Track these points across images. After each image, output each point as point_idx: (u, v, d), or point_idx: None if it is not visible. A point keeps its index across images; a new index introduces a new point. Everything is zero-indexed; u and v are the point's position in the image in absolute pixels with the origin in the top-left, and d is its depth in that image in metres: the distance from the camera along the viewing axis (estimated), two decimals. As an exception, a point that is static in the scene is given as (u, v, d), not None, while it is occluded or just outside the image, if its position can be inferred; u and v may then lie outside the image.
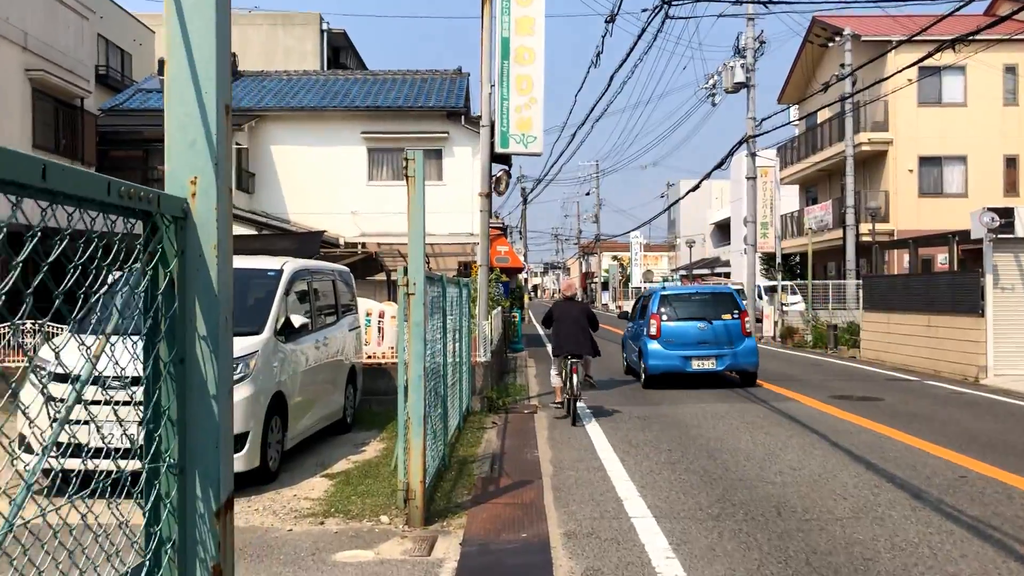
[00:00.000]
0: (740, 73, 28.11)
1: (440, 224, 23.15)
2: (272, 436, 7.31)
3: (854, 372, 17.12)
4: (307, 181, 23.72)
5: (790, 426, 9.96)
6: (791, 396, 12.75)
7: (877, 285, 20.65)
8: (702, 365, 14.34)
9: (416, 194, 5.91)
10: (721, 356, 14.34)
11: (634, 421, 10.57)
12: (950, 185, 31.55)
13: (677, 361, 14.37)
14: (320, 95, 24.71)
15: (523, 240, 49.96)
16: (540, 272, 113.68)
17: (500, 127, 12.06)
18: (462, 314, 10.01)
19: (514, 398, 12.78)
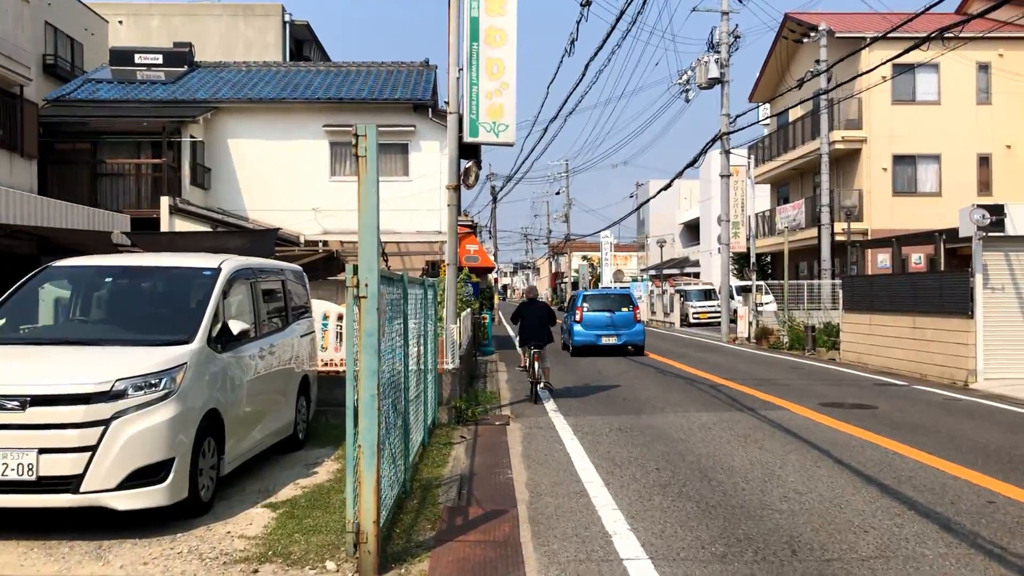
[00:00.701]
0: (714, 68, 27.44)
1: (406, 222, 22.21)
2: (204, 461, 6.31)
3: (837, 376, 16.42)
4: (266, 176, 22.60)
5: (785, 439, 9.14)
6: (779, 403, 11.95)
7: (858, 285, 20.00)
8: (608, 340, 21.55)
9: (368, 176, 4.98)
10: (620, 335, 21.63)
11: (615, 434, 9.69)
12: (924, 184, 31.16)
13: (592, 337, 21.60)
14: (280, 87, 23.59)
15: (493, 239, 49.04)
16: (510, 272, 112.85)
17: (469, 115, 11.12)
18: (427, 317, 9.07)
19: (484, 407, 11.85)
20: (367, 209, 4.98)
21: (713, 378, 15.61)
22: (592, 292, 25.43)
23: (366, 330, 4.88)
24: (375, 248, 4.94)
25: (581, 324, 21.54)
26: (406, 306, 7.04)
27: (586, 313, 21.65)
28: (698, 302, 38.93)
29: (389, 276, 6.13)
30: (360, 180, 5.00)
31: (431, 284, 10.09)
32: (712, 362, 19.24)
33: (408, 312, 7.26)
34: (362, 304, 4.90)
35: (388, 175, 22.62)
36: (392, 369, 6.43)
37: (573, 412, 11.48)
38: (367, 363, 4.88)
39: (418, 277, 8.87)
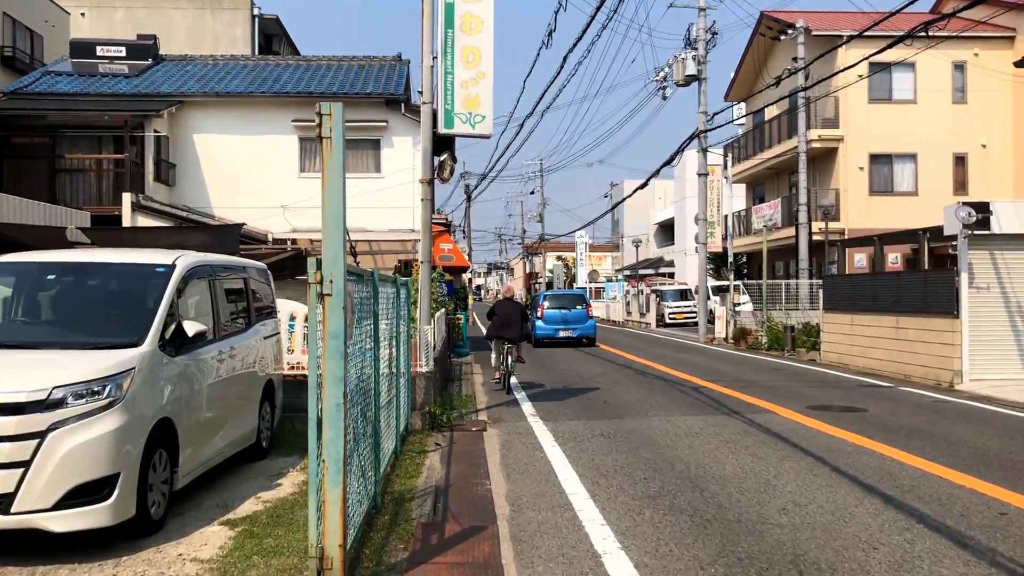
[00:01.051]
0: (691, 65, 27.12)
1: (378, 219, 21.66)
2: (155, 475, 5.75)
3: (820, 377, 16.08)
4: (234, 173, 21.92)
5: (777, 445, 8.72)
6: (765, 406, 11.55)
7: (839, 284, 19.72)
8: (565, 333, 24.97)
9: (333, 160, 4.47)
10: (574, 329, 25.01)
11: (598, 440, 9.21)
12: (900, 183, 31.06)
13: (552, 331, 24.99)
14: (248, 81, 22.91)
15: (467, 239, 48.48)
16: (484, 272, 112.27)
17: (444, 105, 10.60)
18: (399, 318, 8.55)
19: (460, 412, 11.34)
20: (332, 197, 4.47)
21: (695, 380, 15.21)
22: (551, 292, 29.29)
23: (331, 332, 4.36)
24: (340, 241, 4.43)
25: (542, 320, 25.20)
26: (376, 305, 6.52)
27: (546, 310, 25.43)
28: (674, 302, 38.64)
29: (358, 272, 5.61)
30: (324, 165, 4.49)
31: (403, 283, 9.57)
32: (692, 363, 18.86)
33: (379, 312, 6.74)
34: (326, 303, 4.37)
35: (359, 171, 22.06)
36: (361, 374, 5.91)
37: (553, 416, 11.00)
38: (332, 368, 4.36)
39: (390, 275, 8.35)
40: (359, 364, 5.81)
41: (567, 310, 25.36)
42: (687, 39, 27.68)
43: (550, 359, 20.36)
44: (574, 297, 27.36)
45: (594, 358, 20.54)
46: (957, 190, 30.56)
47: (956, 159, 30.81)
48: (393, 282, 8.30)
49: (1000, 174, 30.28)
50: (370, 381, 6.35)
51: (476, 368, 18.35)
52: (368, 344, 6.22)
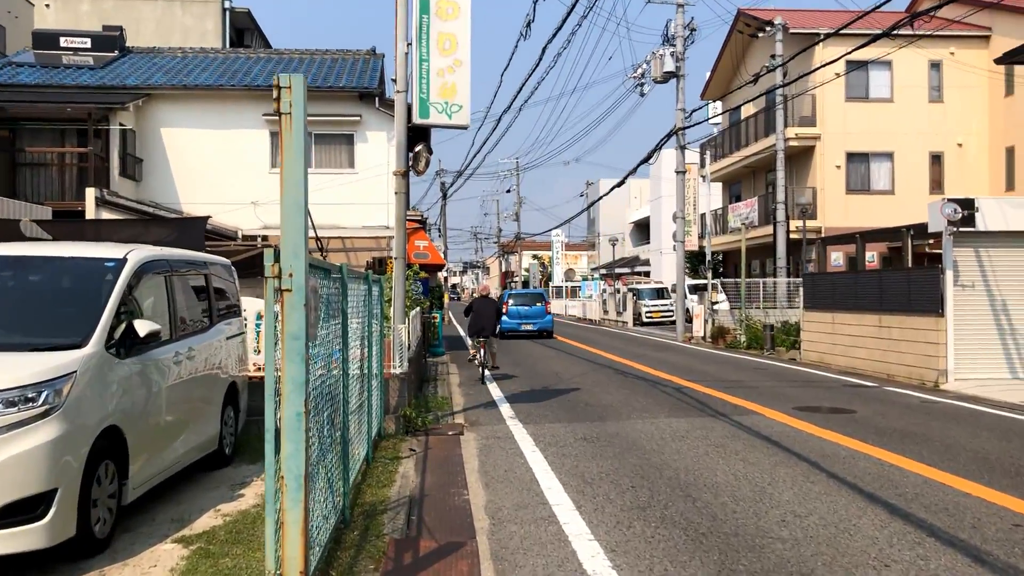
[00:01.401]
0: (670, 62, 26.79)
1: (352, 216, 21.13)
2: (100, 490, 5.23)
3: (803, 377, 15.77)
4: (203, 168, 21.28)
5: (767, 449, 8.32)
6: (752, 408, 11.17)
7: (820, 282, 19.45)
8: (526, 327, 28.36)
9: (293, 139, 3.99)
10: (534, 323, 28.34)
11: (581, 445, 8.78)
12: (877, 182, 30.97)
13: (515, 324, 28.16)
14: (218, 74, 22.27)
15: (443, 237, 47.94)
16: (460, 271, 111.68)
17: (419, 94, 10.12)
18: (371, 316, 8.05)
19: (436, 414, 10.87)
20: (292, 182, 3.98)
21: (676, 380, 14.83)
22: (514, 292, 32.21)
23: (290, 332, 3.88)
24: (302, 230, 3.95)
25: (507, 315, 27.91)
26: (346, 303, 6.03)
27: (510, 307, 28.55)
28: (651, 301, 38.35)
29: (325, 267, 5.13)
30: (284, 144, 4.01)
31: (376, 280, 9.07)
32: (672, 362, 18.49)
33: (348, 310, 6.26)
34: (285, 299, 3.89)
35: (332, 167, 21.52)
36: (328, 377, 5.43)
37: (533, 419, 10.56)
38: (291, 374, 3.87)
39: (361, 271, 7.87)
40: (326, 367, 5.34)
41: (528, 307, 29.42)
42: (665, 36, 27.35)
43: (528, 359, 19.93)
44: (534, 296, 31.16)
45: (573, 358, 20.14)
46: (933, 189, 30.52)
47: (932, 158, 30.77)
48: (365, 279, 7.82)
49: (976, 173, 30.26)
50: (338, 385, 5.87)
51: (452, 368, 17.88)
52: (336, 345, 5.74)
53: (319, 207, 21.71)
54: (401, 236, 10.33)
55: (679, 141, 27.18)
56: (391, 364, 9.82)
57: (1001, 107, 29.64)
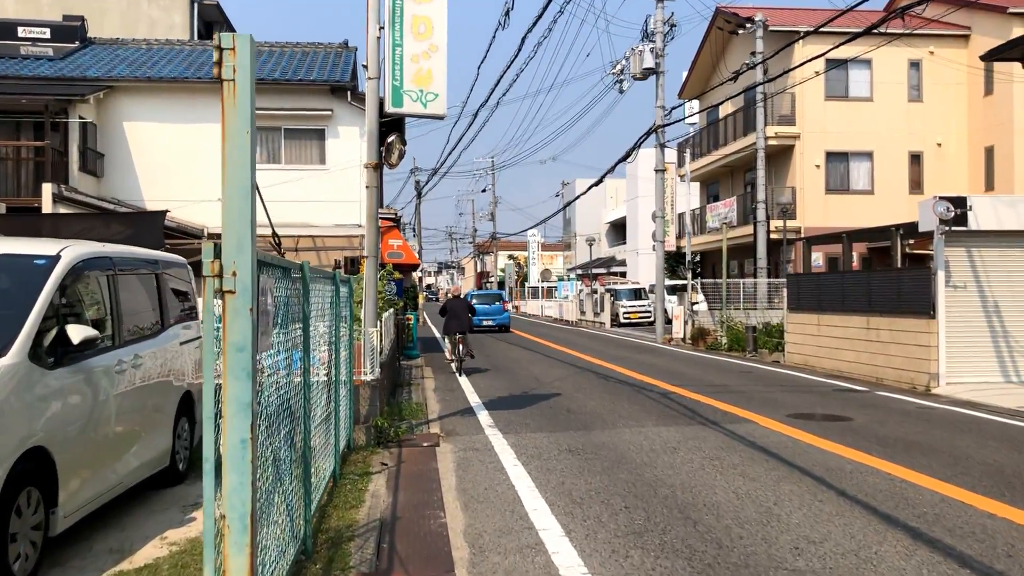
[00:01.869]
0: (649, 58, 26.29)
1: (324, 214, 20.41)
2: (21, 522, 4.53)
3: (791, 381, 15.27)
4: (168, 163, 20.45)
5: (767, 463, 7.76)
6: (743, 415, 10.62)
7: (804, 283, 18.99)
8: (487, 322, 32.43)
9: (238, 110, 3.36)
10: (494, 319, 32.69)
11: (567, 458, 8.16)
12: (857, 182, 30.69)
13: (477, 321, 28.73)
14: (184, 66, 21.46)
15: (417, 237, 47.18)
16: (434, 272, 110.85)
17: (392, 81, 9.46)
18: (337, 318, 7.39)
19: (409, 423, 10.22)
20: (237, 162, 3.34)
21: (660, 384, 14.28)
22: (477, 292, 37.76)
23: (233, 343, 3.22)
24: (249, 218, 3.30)
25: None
26: (307, 305, 5.37)
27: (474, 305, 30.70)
28: (628, 302, 37.85)
29: (281, 264, 4.48)
30: (225, 118, 3.37)
31: (345, 280, 8.41)
32: (654, 365, 17.95)
33: (312, 313, 5.61)
34: (228, 302, 3.23)
35: (303, 163, 20.80)
36: (287, 391, 4.78)
37: (513, 428, 9.93)
38: (235, 392, 3.21)
39: (329, 269, 7.21)
40: (284, 379, 4.69)
41: (488, 305, 33.90)
42: (644, 31, 26.87)
43: (506, 362, 19.31)
44: (494, 296, 35.88)
45: (552, 360, 19.54)
46: (913, 189, 30.31)
47: (912, 157, 30.54)
48: (331, 278, 7.16)
49: (955, 173, 30.06)
50: (300, 399, 5.21)
51: (427, 372, 17.21)
52: (297, 354, 5.08)
53: (288, 204, 21.04)
54: (373, 233, 9.66)
55: (659, 139, 26.68)
56: (361, 370, 9.15)
57: (980, 107, 29.45)
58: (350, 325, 8.55)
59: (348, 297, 8.59)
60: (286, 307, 4.81)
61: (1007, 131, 27.81)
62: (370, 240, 9.58)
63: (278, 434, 4.46)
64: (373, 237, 9.60)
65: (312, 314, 5.96)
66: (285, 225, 20.72)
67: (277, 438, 4.43)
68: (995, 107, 28.54)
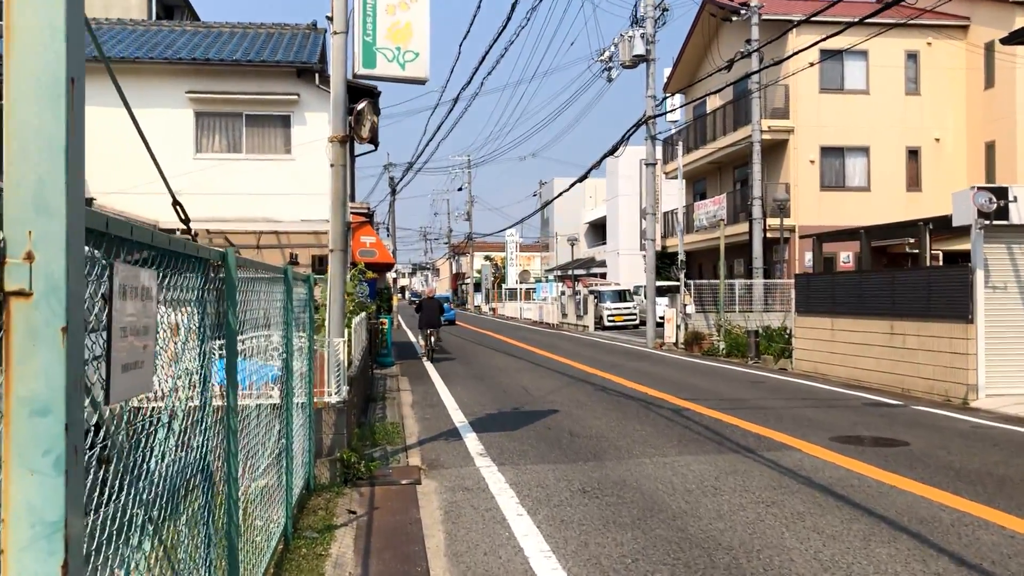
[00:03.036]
0: (639, 44, 24.71)
1: (288, 207, 18.61)
2: None
3: (810, 393, 13.73)
4: (116, 153, 18.46)
5: (840, 510, 6.14)
6: (778, 439, 9.02)
7: (816, 284, 17.47)
8: None
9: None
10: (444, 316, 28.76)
11: (582, 503, 6.49)
12: (852, 178, 29.35)
13: None
14: (136, 46, 19.57)
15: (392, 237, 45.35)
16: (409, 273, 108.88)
17: (362, 37, 7.77)
18: (288, 326, 5.68)
19: (384, 450, 8.51)
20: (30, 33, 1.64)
21: (669, 398, 12.66)
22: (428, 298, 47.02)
23: (24, 400, 1.54)
24: (62, 143, 1.61)
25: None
26: (232, 313, 3.65)
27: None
28: (613, 304, 36.30)
29: (182, 252, 2.79)
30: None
31: (303, 278, 6.71)
32: (653, 374, 16.35)
33: (236, 323, 3.90)
34: (15, 313, 1.56)
35: (266, 152, 18.99)
36: (201, 446, 3.09)
37: (509, 458, 8.24)
38: (27, 504, 1.54)
39: (275, 265, 5.50)
40: (193, 427, 3.00)
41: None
42: (634, 16, 25.28)
43: (490, 370, 17.61)
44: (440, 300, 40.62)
45: (540, 369, 17.87)
46: (911, 185, 29.07)
47: (909, 153, 29.28)
48: (282, 275, 5.46)
49: (954, 169, 28.82)
50: (222, 454, 3.51)
51: (404, 383, 15.47)
52: (212, 389, 3.37)
53: (249, 197, 19.25)
54: (340, 223, 7.95)
55: (649, 130, 25.12)
56: (325, 389, 7.44)
57: (980, 100, 28.22)
58: (309, 334, 6.84)
59: (307, 299, 6.88)
60: (201, 315, 3.14)
61: (1009, 126, 26.58)
62: (336, 230, 7.86)
63: (176, 520, 2.78)
64: (340, 227, 7.88)
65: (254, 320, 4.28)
66: (245, 220, 18.97)
67: (185, 518, 2.75)
68: (996, 100, 27.29)
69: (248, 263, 4.03)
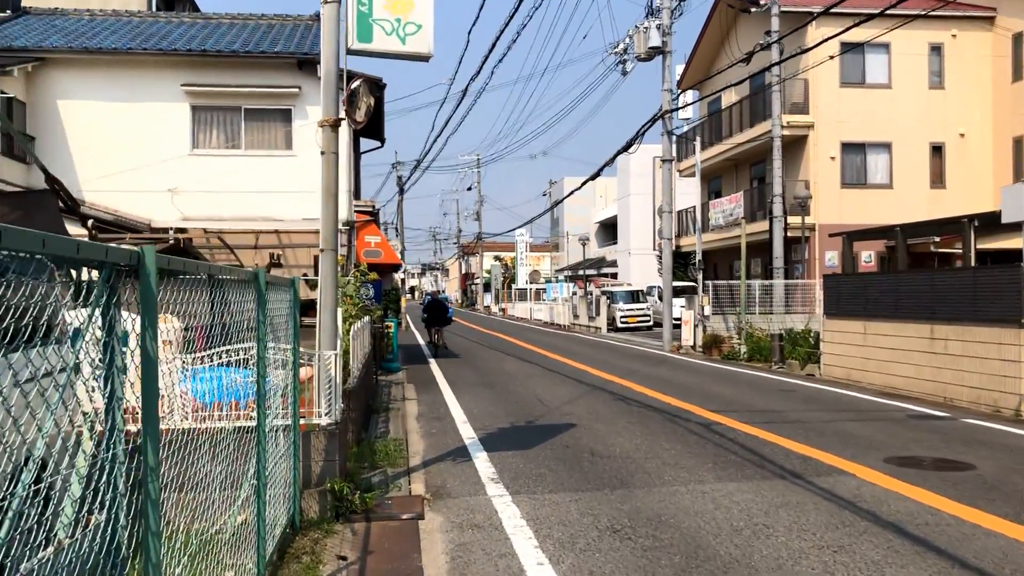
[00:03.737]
0: (655, 36, 23.72)
1: (290, 206, 17.63)
2: None
3: (847, 403, 12.73)
4: (109, 148, 17.69)
5: (924, 559, 5.16)
6: (827, 461, 8.03)
7: (846, 285, 16.45)
8: None
9: None
10: None
11: (612, 544, 5.53)
12: (874, 175, 28.26)
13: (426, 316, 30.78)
14: (130, 37, 18.71)
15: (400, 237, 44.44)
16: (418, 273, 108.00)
17: (357, 6, 6.86)
18: (261, 340, 4.75)
19: (384, 473, 7.57)
20: None
21: (694, 408, 11.69)
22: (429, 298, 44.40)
23: None
24: None
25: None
26: (151, 333, 2.71)
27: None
28: (626, 305, 35.30)
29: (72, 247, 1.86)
30: None
31: (287, 283, 5.78)
32: (674, 382, 15.36)
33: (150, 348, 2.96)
34: None
35: (266, 148, 18.09)
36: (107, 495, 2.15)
37: (525, 484, 7.29)
38: None
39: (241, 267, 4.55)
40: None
41: None
42: (649, 7, 24.29)
43: (500, 376, 16.66)
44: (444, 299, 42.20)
45: (554, 375, 16.90)
46: (934, 183, 27.98)
47: (933, 149, 28.18)
48: (253, 281, 4.51)
49: (979, 166, 27.74)
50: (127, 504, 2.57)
51: (409, 390, 14.52)
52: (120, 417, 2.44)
53: (248, 195, 18.33)
54: (331, 218, 7.00)
55: (666, 125, 24.11)
56: (314, 409, 6.50)
57: (1008, 94, 27.13)
58: (294, 347, 5.91)
59: (292, 307, 5.95)
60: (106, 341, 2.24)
61: (1039, 120, 25.51)
62: (327, 227, 6.92)
63: None
64: (331, 224, 6.94)
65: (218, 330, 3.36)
66: (244, 219, 18.04)
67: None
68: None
69: (189, 266, 3.09)
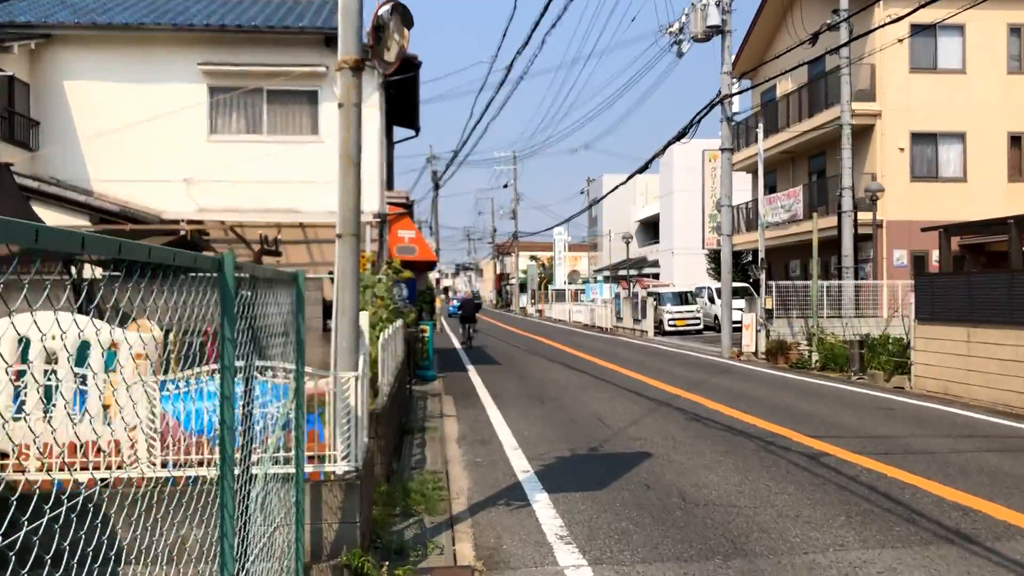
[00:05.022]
0: (715, 14, 21.78)
1: (315, 197, 15.92)
2: None
3: (963, 424, 10.77)
4: (120, 133, 16.16)
5: None
6: (995, 514, 6.13)
7: (942, 286, 14.43)
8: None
9: None
10: None
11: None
12: (946, 167, 26.03)
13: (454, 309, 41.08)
14: (142, 12, 17.21)
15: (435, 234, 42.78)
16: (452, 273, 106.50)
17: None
18: (250, 362, 3.05)
19: (420, 525, 5.83)
20: None
21: (786, 432, 9.81)
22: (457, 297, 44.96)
23: None
24: None
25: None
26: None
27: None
28: (674, 307, 33.32)
29: None
30: None
31: (288, 278, 4.05)
32: (748, 395, 13.47)
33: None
34: None
35: (290, 133, 16.48)
36: None
37: (606, 548, 5.49)
38: None
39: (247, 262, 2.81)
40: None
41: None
42: (706, -18, 22.31)
43: (548, 386, 14.84)
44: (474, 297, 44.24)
45: (609, 386, 15.06)
46: (1013, 176, 25.72)
47: (1012, 139, 25.91)
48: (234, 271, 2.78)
49: (1063, 157, 25.44)
50: None
51: (447, 404, 12.76)
52: None
53: (271, 185, 16.66)
54: (351, 193, 5.26)
55: (725, 111, 22.17)
56: (329, 450, 4.76)
57: (1097, 78, 24.84)
58: (299, 367, 4.18)
59: (297, 310, 4.22)
60: None
61: None
62: (347, 204, 5.19)
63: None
64: (352, 199, 5.21)
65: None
66: (266, 210, 16.41)
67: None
68: (1121, 78, 23.91)
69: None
